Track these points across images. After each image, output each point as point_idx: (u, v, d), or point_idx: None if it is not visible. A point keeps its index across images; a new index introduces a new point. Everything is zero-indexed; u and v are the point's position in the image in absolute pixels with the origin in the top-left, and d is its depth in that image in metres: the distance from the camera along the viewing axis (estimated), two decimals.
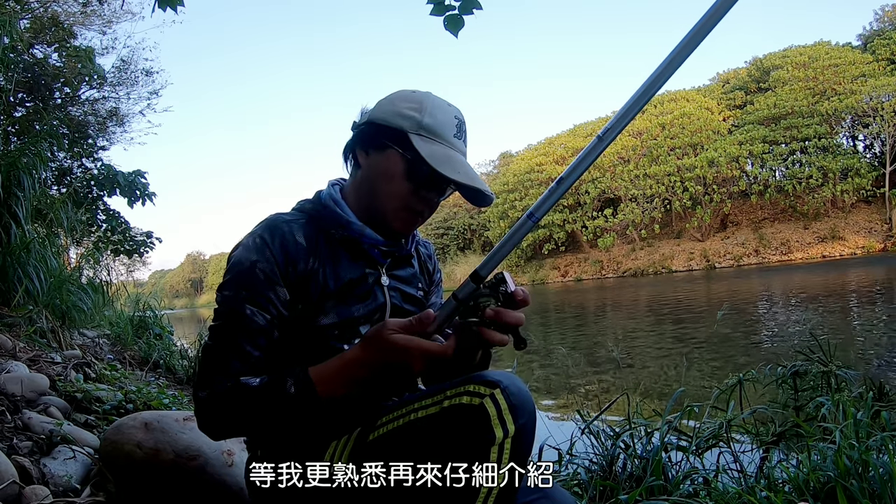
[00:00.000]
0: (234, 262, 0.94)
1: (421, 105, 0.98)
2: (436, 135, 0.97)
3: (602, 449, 1.90)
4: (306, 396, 0.85)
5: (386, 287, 1.04)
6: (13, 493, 1.37)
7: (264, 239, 0.94)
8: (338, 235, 1.00)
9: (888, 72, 28.34)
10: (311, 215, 1.01)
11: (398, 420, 0.89)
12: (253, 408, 0.86)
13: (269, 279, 0.92)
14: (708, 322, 9.04)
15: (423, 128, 0.96)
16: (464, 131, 1.02)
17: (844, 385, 2.30)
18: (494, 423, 0.81)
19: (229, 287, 0.93)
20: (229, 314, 0.91)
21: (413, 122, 0.96)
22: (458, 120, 1.01)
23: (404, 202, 0.99)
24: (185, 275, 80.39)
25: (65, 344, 3.10)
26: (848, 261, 23.30)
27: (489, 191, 0.99)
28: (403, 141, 0.96)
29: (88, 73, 6.16)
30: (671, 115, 33.43)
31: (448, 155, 0.96)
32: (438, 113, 0.98)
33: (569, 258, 36.01)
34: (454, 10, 2.22)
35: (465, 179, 0.95)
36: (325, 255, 0.98)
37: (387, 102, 1.00)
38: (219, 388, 0.88)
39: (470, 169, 0.99)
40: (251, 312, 0.91)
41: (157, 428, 1.58)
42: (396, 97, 1.01)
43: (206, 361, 0.91)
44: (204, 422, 0.90)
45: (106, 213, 6.65)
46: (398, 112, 0.98)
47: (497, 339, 0.83)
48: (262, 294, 0.92)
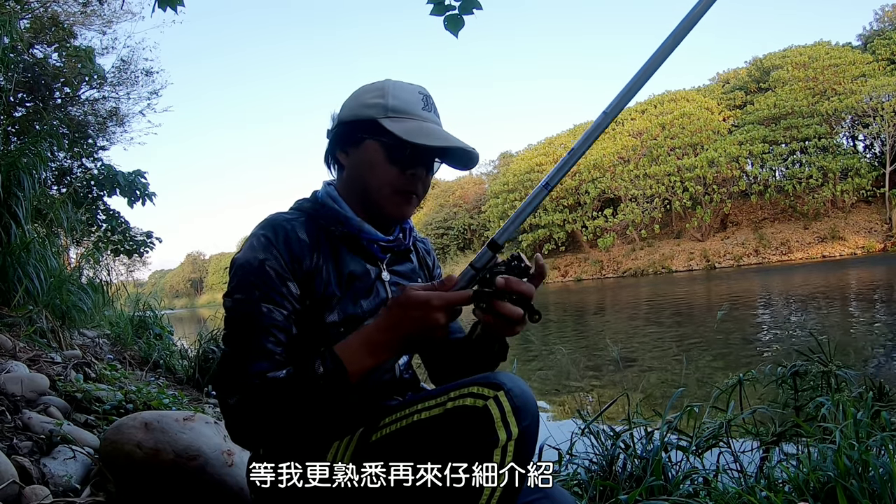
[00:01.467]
0: (241, 264, 0.93)
1: (383, 90, 0.99)
2: (405, 113, 0.98)
3: (602, 449, 1.90)
4: (336, 373, 0.84)
5: (387, 282, 1.05)
6: (13, 493, 1.37)
7: (268, 237, 0.93)
8: (337, 232, 1.00)
9: (888, 72, 28.36)
10: (310, 214, 1.01)
11: (401, 421, 0.89)
12: (286, 400, 0.84)
13: (279, 276, 0.91)
14: (708, 322, 9.04)
15: (390, 110, 0.97)
16: (431, 104, 1.02)
17: (844, 385, 2.30)
18: (498, 425, 0.81)
19: (240, 290, 0.91)
20: (245, 317, 0.90)
21: (380, 108, 0.98)
22: (422, 94, 1.01)
23: (394, 186, 0.99)
24: (185, 275, 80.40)
25: (65, 344, 3.10)
26: (848, 261, 23.30)
27: (471, 147, 1.00)
28: (376, 128, 0.97)
29: (88, 73, 6.16)
30: (671, 115, 33.43)
31: (421, 127, 0.97)
32: (401, 93, 1.00)
33: (569, 258, 36.02)
34: (454, 10, 2.22)
35: (443, 143, 0.96)
36: (327, 253, 0.98)
37: (351, 100, 1.02)
38: (249, 389, 0.85)
39: (447, 133, 1.00)
40: (268, 310, 0.90)
41: (157, 428, 1.58)
42: (358, 92, 1.03)
43: (230, 367, 0.88)
44: (239, 429, 0.87)
45: (106, 213, 6.64)
46: (363, 104, 0.99)
47: (508, 310, 0.84)
48: (275, 290, 0.91)
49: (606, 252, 33.82)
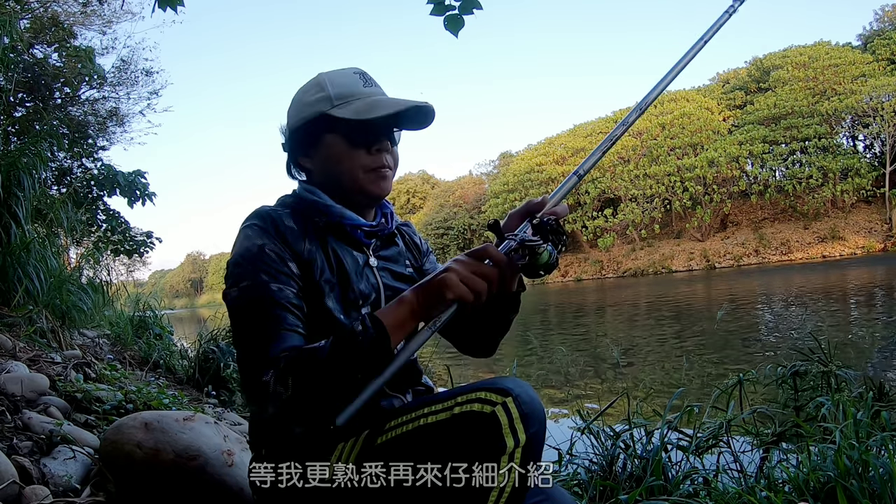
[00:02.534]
0: (240, 253, 0.92)
1: (320, 84, 1.00)
2: (349, 96, 0.98)
3: (602, 449, 1.90)
4: (380, 337, 0.82)
5: (375, 268, 1.05)
6: (13, 493, 1.37)
7: (258, 226, 0.94)
8: (321, 222, 1.00)
9: (888, 72, 28.36)
10: (294, 207, 1.01)
11: (407, 425, 0.88)
12: (330, 368, 0.81)
13: (280, 257, 0.92)
14: (708, 322, 9.04)
15: (335, 98, 0.98)
16: (370, 79, 1.02)
17: (844, 385, 2.30)
18: (506, 432, 0.81)
19: (245, 278, 0.90)
20: (256, 301, 0.88)
21: (324, 101, 0.98)
22: (358, 73, 1.02)
23: (364, 167, 1.00)
24: (185, 275, 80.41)
25: (65, 344, 3.10)
26: (848, 261, 23.30)
27: (423, 102, 1.00)
28: (328, 120, 0.98)
29: (88, 73, 6.15)
30: (671, 115, 33.43)
31: (369, 102, 0.98)
32: (339, 78, 1.00)
33: (569, 258, 36.00)
34: (454, 10, 2.22)
35: (395, 108, 0.97)
36: (316, 242, 0.99)
37: (293, 105, 1.03)
38: (285, 363, 0.82)
39: (395, 98, 1.00)
40: (279, 289, 0.89)
41: (157, 428, 1.58)
42: (297, 96, 1.03)
43: (258, 348, 0.85)
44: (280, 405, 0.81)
45: (106, 213, 6.64)
46: (307, 103, 1.00)
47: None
48: (280, 271, 0.91)
49: (606, 252, 33.82)
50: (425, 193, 51.95)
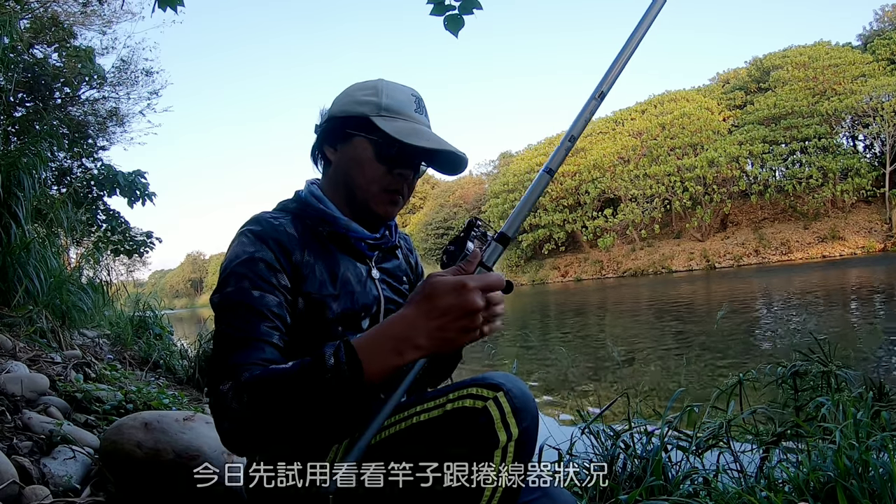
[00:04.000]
0: (231, 259, 0.91)
1: (377, 89, 0.99)
2: (397, 112, 0.97)
3: (602, 449, 1.90)
4: (349, 368, 0.72)
5: (377, 280, 1.05)
6: (13, 493, 1.37)
7: (255, 232, 0.92)
8: (325, 232, 0.99)
9: (888, 72, 28.37)
10: (296, 214, 1.00)
11: (400, 423, 0.88)
12: (291, 394, 0.73)
13: (270, 267, 0.90)
14: (708, 322, 9.04)
15: (383, 109, 0.97)
16: (423, 107, 1.02)
17: (844, 385, 2.30)
18: (498, 426, 0.81)
19: (230, 283, 0.88)
20: (237, 305, 0.85)
21: (373, 106, 0.97)
22: (415, 97, 1.01)
23: (381, 185, 0.99)
24: (185, 275, 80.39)
25: (65, 344, 3.10)
26: (848, 261, 23.30)
27: (461, 151, 1.00)
28: (367, 125, 0.96)
29: (88, 73, 6.15)
30: (671, 115, 33.43)
31: (413, 127, 0.97)
32: (395, 93, 0.99)
33: (569, 258, 36.01)
34: (454, 10, 2.22)
35: (434, 145, 0.96)
36: (317, 251, 0.97)
37: (343, 96, 1.01)
38: (246, 377, 0.77)
39: (438, 136, 1.00)
40: (260, 295, 0.87)
41: (157, 428, 1.58)
42: (351, 89, 1.02)
43: (223, 354, 0.82)
44: (232, 421, 0.75)
45: (106, 213, 6.64)
46: (356, 100, 0.99)
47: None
48: (266, 280, 0.89)
49: (606, 252, 33.82)
50: (425, 193, 51.98)
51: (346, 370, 0.72)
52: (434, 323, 0.71)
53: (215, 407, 0.77)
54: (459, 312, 0.71)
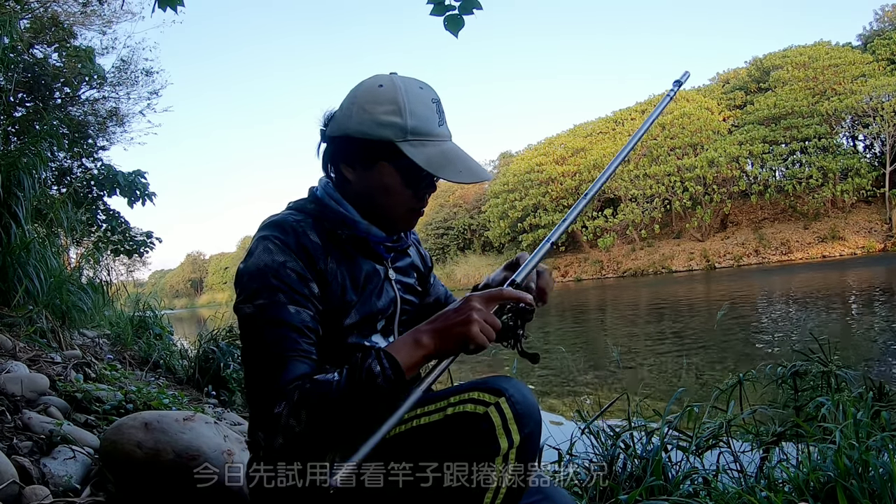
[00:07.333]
0: (259, 269, 0.87)
1: (397, 105, 0.91)
2: (423, 135, 0.92)
3: (602, 449, 1.90)
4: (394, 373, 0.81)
5: (393, 280, 1.05)
6: (13, 493, 1.37)
7: (281, 239, 0.90)
8: (344, 235, 0.97)
9: (888, 72, 28.35)
10: (315, 216, 0.97)
11: (400, 426, 0.87)
12: (346, 405, 0.80)
13: (301, 277, 0.88)
14: (708, 322, 9.04)
15: (409, 133, 0.91)
16: (443, 112, 0.96)
17: (844, 385, 2.30)
18: (499, 433, 0.80)
19: (261, 295, 0.86)
20: (272, 321, 0.85)
21: (397, 130, 0.91)
22: (435, 104, 0.95)
23: (408, 207, 0.99)
24: (185, 275, 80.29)
25: (65, 344, 3.10)
26: (848, 261, 23.30)
27: (489, 176, 1.01)
28: (393, 152, 0.92)
29: (88, 73, 6.15)
30: (671, 115, 33.39)
31: (443, 154, 0.93)
32: (418, 107, 0.92)
33: (569, 258, 35.99)
34: (454, 11, 2.22)
35: (470, 178, 0.93)
36: (339, 256, 0.96)
37: (359, 111, 0.93)
38: (298, 396, 0.80)
39: (468, 160, 0.97)
40: (297, 311, 0.86)
41: (157, 428, 1.58)
42: (366, 101, 0.93)
43: (269, 374, 0.82)
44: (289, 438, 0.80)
45: (106, 213, 6.64)
46: (377, 121, 0.91)
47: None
48: (299, 293, 0.88)
49: (606, 252, 33.80)
50: None
51: (392, 378, 0.80)
52: (436, 325, 0.84)
53: (268, 427, 0.81)
54: (457, 319, 0.83)
